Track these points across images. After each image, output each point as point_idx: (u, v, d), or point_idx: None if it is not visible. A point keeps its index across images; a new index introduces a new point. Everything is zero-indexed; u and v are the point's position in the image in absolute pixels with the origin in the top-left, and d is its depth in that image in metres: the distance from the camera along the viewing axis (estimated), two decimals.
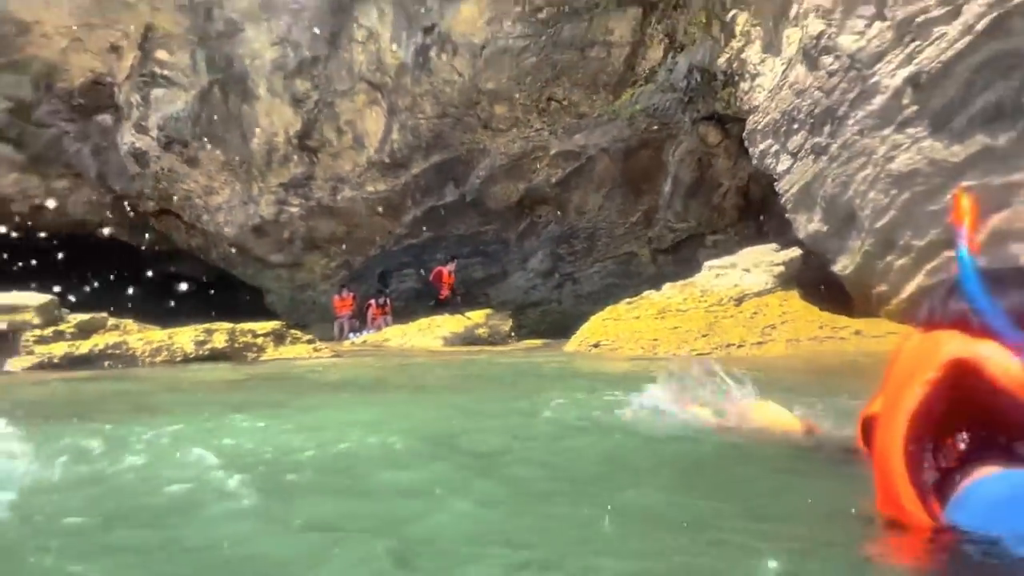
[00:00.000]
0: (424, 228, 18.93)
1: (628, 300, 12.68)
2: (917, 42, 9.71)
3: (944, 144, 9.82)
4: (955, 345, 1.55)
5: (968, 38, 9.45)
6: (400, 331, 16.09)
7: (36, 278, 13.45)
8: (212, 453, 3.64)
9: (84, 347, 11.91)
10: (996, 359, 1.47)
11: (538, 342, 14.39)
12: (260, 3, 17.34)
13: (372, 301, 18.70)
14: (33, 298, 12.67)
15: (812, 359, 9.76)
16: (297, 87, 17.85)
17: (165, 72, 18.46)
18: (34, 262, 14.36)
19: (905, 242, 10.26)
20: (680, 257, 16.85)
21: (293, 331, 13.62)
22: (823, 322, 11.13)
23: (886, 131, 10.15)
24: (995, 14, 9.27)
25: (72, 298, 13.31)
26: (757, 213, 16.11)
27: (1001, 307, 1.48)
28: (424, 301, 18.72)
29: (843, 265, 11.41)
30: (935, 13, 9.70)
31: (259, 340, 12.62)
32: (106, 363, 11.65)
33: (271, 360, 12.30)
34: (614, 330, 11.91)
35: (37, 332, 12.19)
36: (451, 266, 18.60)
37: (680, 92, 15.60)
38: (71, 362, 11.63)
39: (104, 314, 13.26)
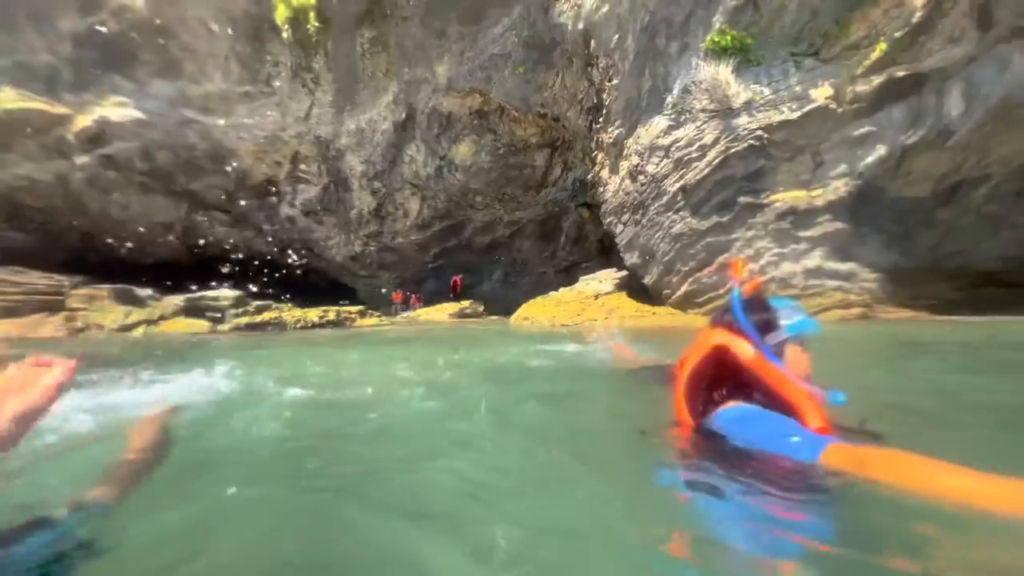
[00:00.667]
0: (440, 259, 18.80)
1: (542, 296, 12.75)
2: (684, 170, 9.89)
3: (697, 220, 9.99)
4: (720, 337, 1.57)
5: (708, 168, 9.64)
6: (426, 311, 15.94)
7: (242, 281, 13.26)
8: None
9: (258, 318, 11.58)
10: (740, 347, 1.52)
11: (496, 317, 14.45)
12: (355, 142, 17.02)
13: (412, 295, 18.49)
14: (231, 293, 12.31)
15: (636, 326, 9.77)
16: (375, 185, 17.60)
17: (303, 176, 18.03)
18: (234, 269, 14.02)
19: (677, 269, 10.38)
20: (570, 275, 16.96)
21: (371, 311, 13.44)
22: (639, 309, 11.10)
23: (669, 214, 10.28)
24: (721, 157, 9.49)
25: (254, 290, 13.05)
26: (608, 253, 16.26)
27: (750, 320, 1.52)
28: (441, 296, 18.62)
29: (648, 280, 11.45)
30: (694, 155, 9.89)
31: (352, 315, 12.43)
32: (269, 328, 11.37)
33: (360, 326, 12.17)
34: (535, 311, 11.94)
35: (233, 310, 11.83)
36: (460, 277, 18.54)
37: (569, 191, 15.73)
38: (251, 327, 11.31)
39: (270, 302, 12.92)
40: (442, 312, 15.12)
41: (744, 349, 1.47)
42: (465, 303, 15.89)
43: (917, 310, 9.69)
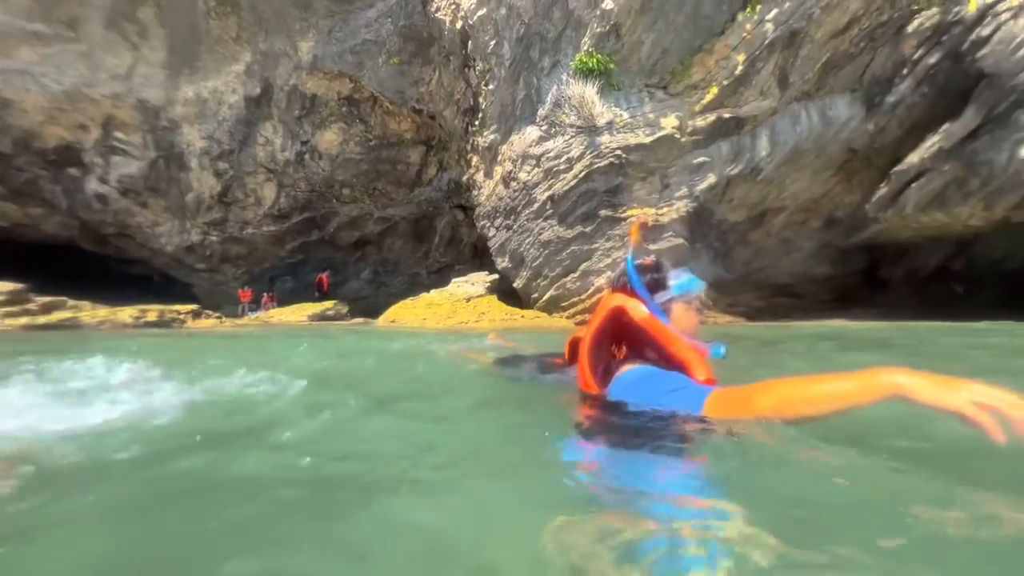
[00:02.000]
0: (299, 254, 16.95)
1: (411, 298, 12.24)
2: (552, 180, 10.34)
3: (564, 229, 10.51)
4: (617, 299, 1.59)
5: (575, 180, 10.22)
6: (280, 312, 14.20)
7: (31, 274, 10.30)
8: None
9: (42, 319, 9.09)
10: (634, 308, 1.54)
11: (361, 319, 13.50)
12: (195, 113, 14.50)
13: (265, 293, 16.35)
14: (4, 285, 9.51)
15: (507, 326, 9.90)
16: (220, 165, 15.18)
17: (121, 146, 14.78)
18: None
19: (545, 274, 10.81)
20: (443, 276, 16.67)
21: (207, 311, 11.42)
22: (508, 312, 11.31)
23: (539, 221, 10.67)
24: (586, 171, 10.14)
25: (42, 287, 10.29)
26: (481, 255, 16.34)
27: (641, 280, 1.58)
28: (302, 295, 16.74)
29: (518, 283, 11.67)
30: (563, 167, 10.40)
31: (182, 316, 10.40)
32: (61, 330, 8.96)
33: (195, 327, 10.23)
34: (403, 313, 11.41)
35: (6, 308, 9.14)
36: (327, 275, 16.84)
37: (444, 192, 15.45)
38: (32, 328, 8.80)
39: (64, 297, 10.27)
40: (300, 313, 13.61)
41: (637, 309, 1.53)
42: (329, 304, 14.55)
43: (734, 316, 11.47)
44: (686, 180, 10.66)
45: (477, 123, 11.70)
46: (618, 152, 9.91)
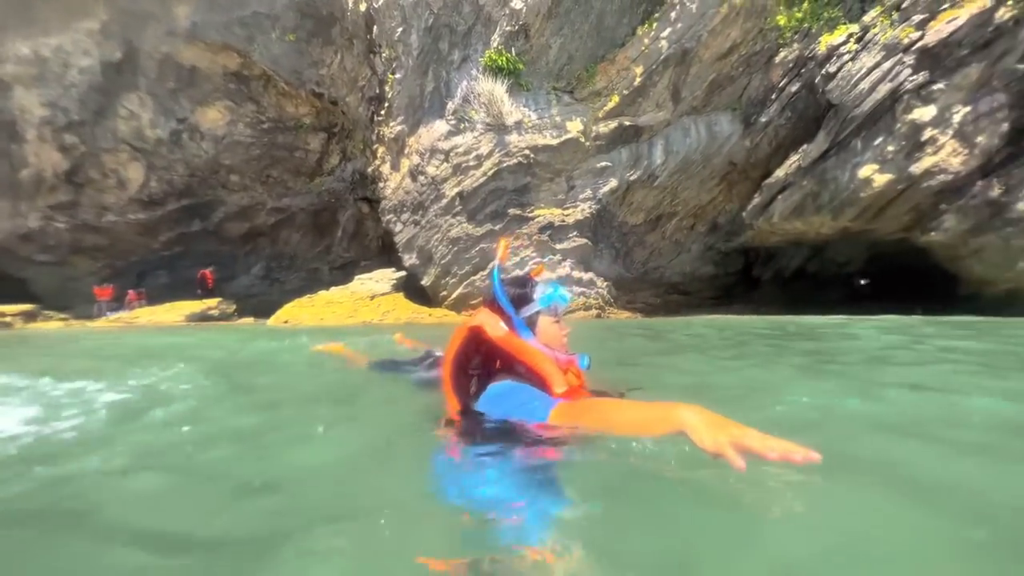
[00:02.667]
0: (176, 246, 14.90)
1: (309, 296, 11.34)
2: (461, 176, 10.20)
3: (473, 226, 10.44)
4: (478, 318, 1.56)
5: (484, 178, 10.18)
6: (150, 311, 12.35)
7: None
8: None
9: None
10: (491, 326, 1.52)
11: (251, 319, 12.23)
12: (33, 75, 12.08)
13: (131, 291, 14.14)
14: None
15: (412, 327, 9.59)
16: (67, 139, 12.80)
17: None
18: None
19: (454, 272, 10.67)
20: (347, 273, 15.71)
21: (47, 312, 9.56)
22: (415, 310, 10.96)
23: (447, 217, 10.47)
24: (495, 169, 10.13)
25: None
26: (389, 251, 15.66)
27: (507, 294, 1.56)
28: (181, 292, 14.69)
29: (426, 281, 11.43)
30: (472, 163, 10.29)
31: (7, 319, 8.60)
32: None
33: (25, 329, 8.46)
34: (298, 312, 10.52)
35: None
36: (212, 270, 14.93)
37: (348, 183, 14.53)
38: None
39: None
40: (175, 313, 11.98)
41: (493, 327, 1.51)
42: (212, 302, 12.99)
43: (633, 312, 12.22)
44: (590, 183, 11.12)
45: (383, 112, 11.16)
46: (526, 152, 10.03)
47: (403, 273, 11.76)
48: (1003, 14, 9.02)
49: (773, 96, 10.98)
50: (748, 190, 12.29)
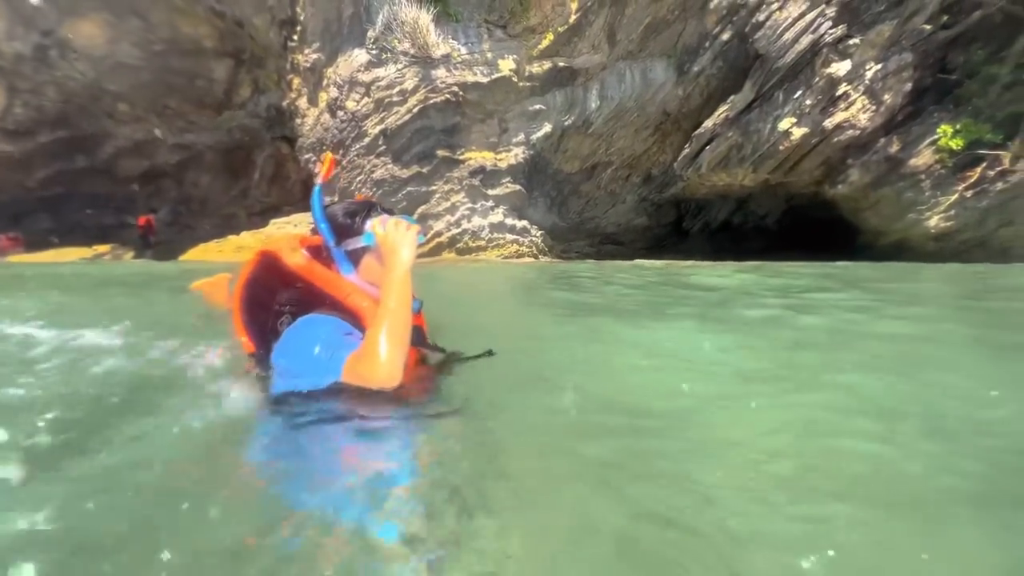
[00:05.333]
0: (55, 185, 13.16)
1: (217, 240, 10.60)
2: (385, 113, 9.64)
3: (399, 168, 10.02)
4: (277, 243, 1.40)
5: (409, 115, 9.68)
6: (28, 259, 11.06)
7: None
8: None
9: None
10: (288, 252, 1.34)
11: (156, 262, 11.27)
12: None
13: (3, 235, 12.46)
14: None
15: None
16: None
17: None
18: None
19: None
20: (266, 218, 14.70)
21: None
22: None
23: (370, 157, 9.97)
24: (421, 106, 9.65)
25: None
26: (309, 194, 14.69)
27: (328, 220, 1.36)
28: (65, 238, 12.89)
29: None
30: (396, 99, 9.72)
31: None
32: None
33: None
34: (205, 258, 9.85)
35: None
36: (153, 216, 13.33)
37: (263, 119, 13.28)
38: None
39: None
40: (63, 258, 10.79)
41: (292, 253, 1.35)
42: (104, 248, 11.76)
43: (568, 260, 12.46)
44: (523, 127, 10.90)
45: (296, 38, 10.16)
46: (455, 89, 9.61)
47: None
48: None
49: (707, 44, 11.07)
50: (680, 141, 12.57)
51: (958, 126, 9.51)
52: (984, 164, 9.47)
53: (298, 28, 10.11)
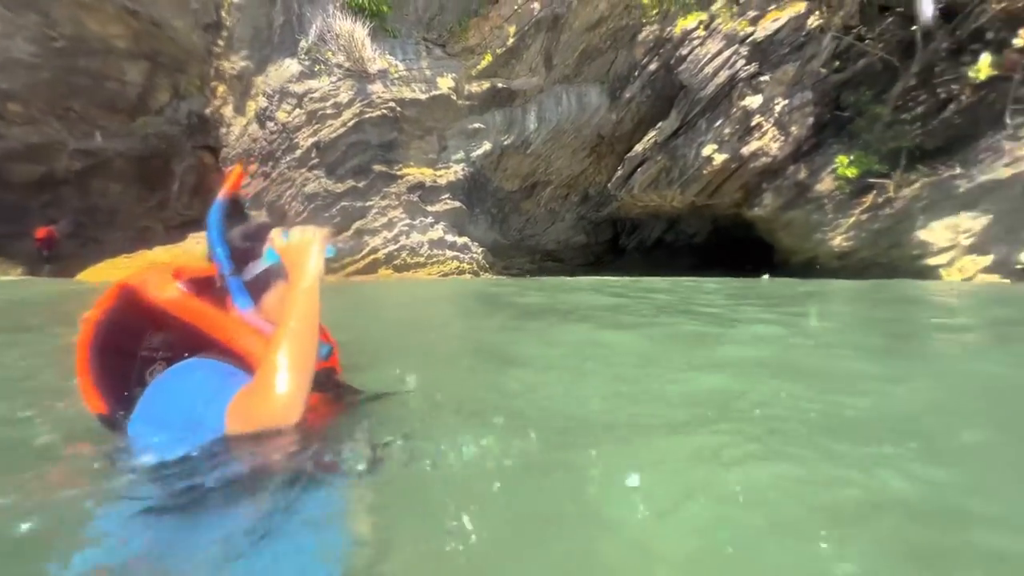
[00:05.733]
0: None
1: (128, 255, 9.72)
2: (318, 125, 9.33)
3: (333, 182, 9.69)
4: (132, 276, 1.13)
5: (344, 128, 9.43)
6: None
7: None
8: None
9: None
10: (156, 284, 1.09)
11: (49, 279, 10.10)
12: None
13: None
14: None
15: None
16: None
17: None
18: None
19: None
20: (184, 231, 13.64)
21: None
22: None
23: (303, 170, 9.55)
24: (356, 120, 9.45)
25: None
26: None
27: (227, 244, 1.16)
28: None
29: None
30: (329, 111, 9.45)
31: None
32: None
33: None
34: (112, 273, 8.96)
35: None
36: (56, 227, 11.82)
37: (184, 126, 12.41)
38: None
39: None
40: None
41: (161, 287, 1.10)
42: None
43: (509, 277, 12.55)
44: (463, 144, 10.96)
45: (222, 43, 9.67)
46: (392, 104, 9.50)
47: None
48: (812, 21, 10.63)
49: (636, 73, 11.75)
50: (615, 163, 13.17)
51: (852, 157, 10.67)
52: (875, 191, 10.67)
53: (224, 33, 9.62)
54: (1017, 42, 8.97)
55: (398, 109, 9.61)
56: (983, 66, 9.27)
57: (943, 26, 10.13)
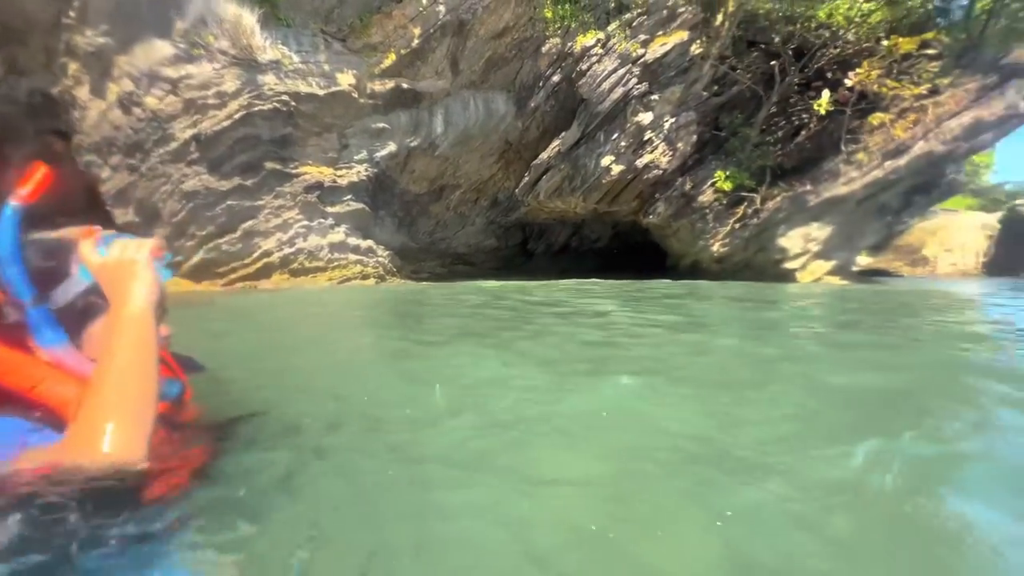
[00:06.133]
0: None
1: None
2: (198, 115, 8.41)
3: (216, 179, 8.80)
4: None
5: (230, 121, 8.62)
6: None
7: None
8: None
9: None
10: None
11: None
12: None
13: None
14: None
15: None
16: None
17: None
18: None
19: (191, 233, 8.82)
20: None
21: None
22: None
23: (179, 164, 8.56)
24: (244, 113, 8.69)
25: None
26: (101, 205, 12.07)
27: (27, 262, 0.89)
28: None
29: None
30: (212, 101, 8.59)
31: None
32: None
33: None
34: None
35: None
36: None
37: (24, 106, 10.54)
38: None
39: None
40: None
41: None
42: None
43: (417, 281, 12.31)
44: (366, 144, 10.57)
45: (74, 15, 8.39)
46: (285, 98, 8.90)
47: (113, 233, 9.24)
48: (695, 49, 11.79)
49: (541, 84, 12.17)
50: (522, 169, 13.51)
51: (728, 172, 12.00)
52: (746, 203, 12.09)
53: (76, 3, 8.35)
54: (847, 82, 10.72)
55: (292, 103, 9.02)
56: (824, 101, 10.95)
57: (794, 63, 11.79)
